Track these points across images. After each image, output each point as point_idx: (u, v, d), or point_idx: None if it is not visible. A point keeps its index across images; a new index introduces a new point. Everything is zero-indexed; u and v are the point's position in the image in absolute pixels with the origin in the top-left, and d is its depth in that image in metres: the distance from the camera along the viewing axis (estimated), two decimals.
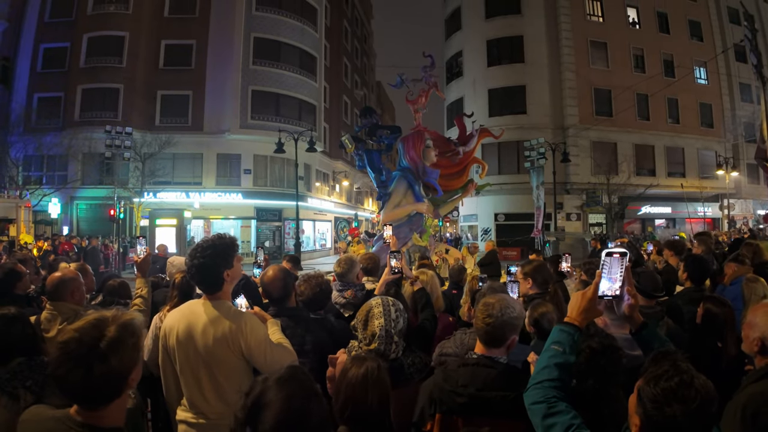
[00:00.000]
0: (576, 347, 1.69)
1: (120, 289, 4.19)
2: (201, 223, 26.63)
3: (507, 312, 2.07)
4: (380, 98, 55.08)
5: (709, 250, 6.04)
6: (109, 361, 1.33)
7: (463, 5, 31.63)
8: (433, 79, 11.73)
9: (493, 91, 29.47)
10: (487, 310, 2.08)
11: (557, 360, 1.64)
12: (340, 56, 37.75)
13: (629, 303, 1.73)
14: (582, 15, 29.51)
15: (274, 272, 2.94)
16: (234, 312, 2.37)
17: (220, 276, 2.34)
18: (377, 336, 2.30)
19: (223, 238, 2.42)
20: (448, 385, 2.05)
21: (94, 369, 1.31)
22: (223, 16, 27.17)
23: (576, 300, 1.75)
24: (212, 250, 2.33)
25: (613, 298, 1.70)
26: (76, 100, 25.67)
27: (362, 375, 1.74)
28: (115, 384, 1.37)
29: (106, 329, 1.37)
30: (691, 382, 1.26)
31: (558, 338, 1.69)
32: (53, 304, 3.05)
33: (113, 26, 26.17)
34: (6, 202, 17.77)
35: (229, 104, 26.70)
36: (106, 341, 1.35)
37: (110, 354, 1.34)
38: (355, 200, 42.19)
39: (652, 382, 1.29)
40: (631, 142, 29.29)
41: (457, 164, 11.44)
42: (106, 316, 1.42)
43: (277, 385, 1.29)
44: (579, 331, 1.70)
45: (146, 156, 23.28)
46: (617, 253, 1.66)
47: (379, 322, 2.33)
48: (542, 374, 1.65)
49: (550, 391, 1.60)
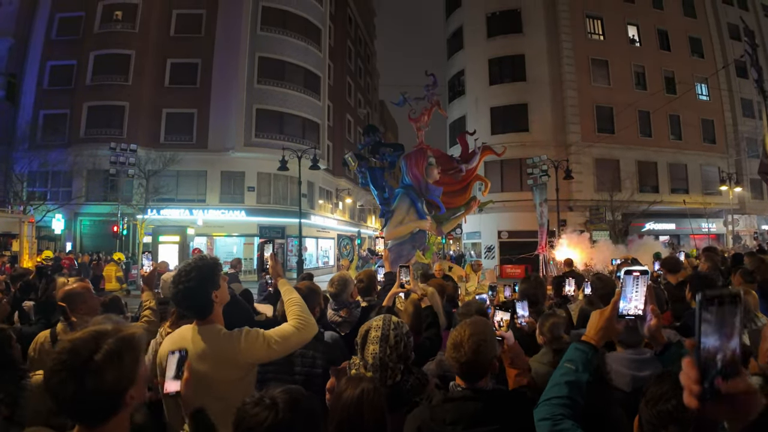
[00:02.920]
0: (590, 366, 1.64)
1: (112, 305, 4.12)
2: (204, 240, 26.64)
3: (480, 347, 1.94)
4: (383, 117, 55.48)
5: (716, 266, 5.91)
6: (104, 375, 1.27)
7: (465, 25, 32.03)
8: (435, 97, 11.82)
9: (495, 109, 29.64)
10: (457, 351, 1.96)
11: (568, 378, 1.61)
12: (343, 75, 38.15)
13: (651, 323, 1.67)
14: (583, 33, 29.82)
15: (301, 288, 2.99)
16: (226, 335, 2.26)
17: (209, 299, 2.24)
18: (370, 365, 2.20)
19: (204, 259, 2.33)
20: (436, 425, 1.95)
21: (86, 382, 1.25)
22: (228, 36, 27.58)
23: (594, 319, 1.69)
24: (197, 272, 2.22)
25: (635, 317, 1.64)
26: (81, 117, 25.95)
27: (357, 397, 1.71)
28: (110, 400, 1.31)
29: (104, 342, 1.31)
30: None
31: (572, 356, 1.66)
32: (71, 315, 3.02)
33: (120, 44, 26.60)
34: (10, 218, 17.84)
35: (234, 122, 26.92)
36: (102, 354, 1.28)
37: (105, 368, 1.28)
38: (358, 218, 42.20)
39: (650, 403, 1.28)
40: (634, 158, 29.32)
41: (459, 181, 11.45)
42: (107, 328, 1.36)
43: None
44: (595, 351, 1.65)
45: (150, 173, 23.41)
46: (637, 272, 1.60)
47: (373, 349, 2.20)
48: (552, 391, 1.62)
49: (557, 408, 1.56)
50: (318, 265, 32.07)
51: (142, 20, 27.06)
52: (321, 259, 33.49)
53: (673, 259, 5.79)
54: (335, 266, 32.50)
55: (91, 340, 1.31)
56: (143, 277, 3.47)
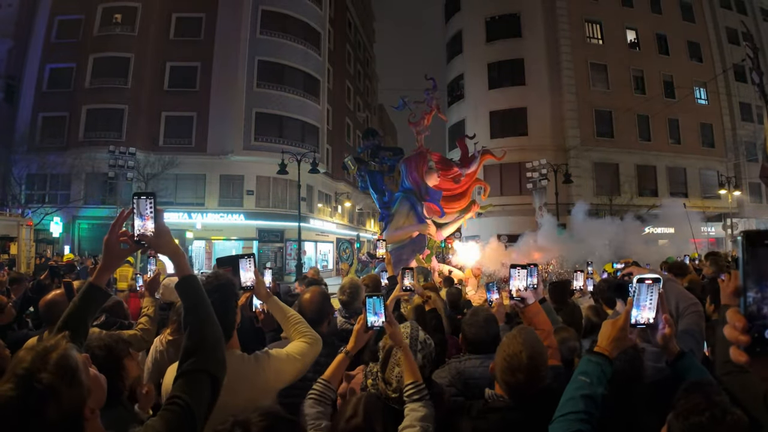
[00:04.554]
0: (604, 379, 1.60)
1: (115, 309, 4.05)
2: (203, 244, 26.57)
3: (540, 372, 1.87)
4: (382, 120, 55.52)
5: (720, 270, 5.90)
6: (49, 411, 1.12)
7: (464, 29, 32.09)
8: (434, 101, 11.81)
9: (495, 113, 29.67)
10: (513, 376, 1.87)
11: (584, 392, 1.56)
12: (343, 79, 38.18)
13: (664, 332, 1.64)
14: (582, 38, 29.88)
15: (312, 294, 2.93)
16: (251, 361, 2.09)
17: (231, 323, 2.03)
18: (394, 387, 2.01)
19: (222, 276, 2.15)
20: None
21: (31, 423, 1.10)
22: (227, 39, 27.58)
23: (606, 329, 1.66)
24: (219, 293, 1.98)
25: (647, 326, 1.62)
26: (80, 120, 25.91)
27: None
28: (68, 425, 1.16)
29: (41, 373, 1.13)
30: (723, 417, 1.19)
31: (586, 369, 1.61)
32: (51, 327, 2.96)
33: (119, 48, 26.58)
34: (8, 220, 17.77)
35: (233, 126, 26.90)
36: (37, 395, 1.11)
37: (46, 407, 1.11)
38: (357, 221, 42.16)
39: (682, 416, 1.24)
40: (633, 162, 29.35)
41: (459, 186, 11.42)
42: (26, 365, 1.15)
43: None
44: (609, 362, 1.61)
45: (149, 176, 23.37)
46: (650, 279, 1.59)
47: (398, 371, 2.02)
48: (567, 406, 1.56)
49: (575, 424, 1.51)
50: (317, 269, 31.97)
51: (142, 23, 27.07)
52: (320, 263, 33.41)
53: (678, 264, 5.79)
54: (334, 270, 32.44)
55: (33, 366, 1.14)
56: (145, 282, 3.40)
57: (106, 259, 1.77)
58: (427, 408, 1.87)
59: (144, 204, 1.64)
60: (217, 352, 1.62)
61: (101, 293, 1.76)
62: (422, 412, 1.84)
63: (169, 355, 3.00)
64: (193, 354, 1.56)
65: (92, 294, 1.73)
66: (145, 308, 3.27)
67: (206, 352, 1.58)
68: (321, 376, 2.11)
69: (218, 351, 1.62)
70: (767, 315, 0.76)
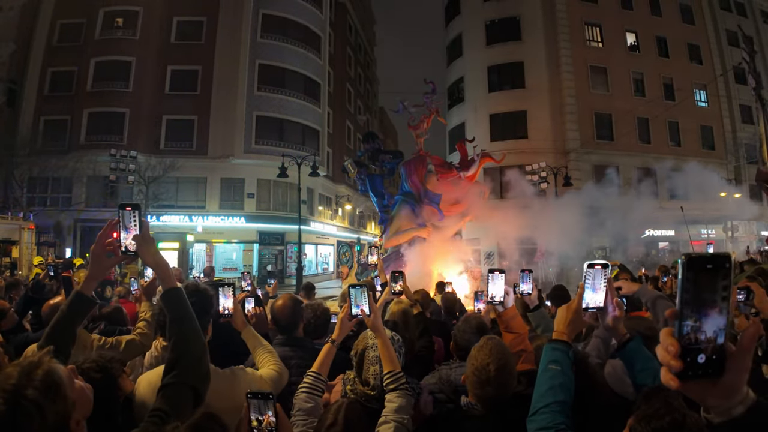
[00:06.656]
0: (570, 363, 1.66)
1: (114, 316, 4.06)
2: (203, 247, 26.62)
3: (508, 383, 1.93)
4: (383, 124, 55.59)
5: None
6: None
7: (464, 32, 32.14)
8: (434, 104, 11.86)
9: (495, 116, 29.68)
10: (482, 388, 1.92)
11: (559, 380, 1.60)
12: (343, 83, 38.28)
13: (613, 315, 1.69)
14: (582, 41, 29.93)
15: (284, 300, 2.94)
16: (226, 376, 2.14)
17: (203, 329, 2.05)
18: (372, 385, 2.11)
19: (198, 285, 2.20)
20: None
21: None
22: (228, 43, 27.68)
23: (562, 313, 1.74)
24: (196, 297, 2.03)
25: (597, 309, 1.68)
26: (82, 124, 26.01)
27: None
28: None
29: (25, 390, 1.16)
30: (683, 420, 1.23)
31: (553, 357, 1.65)
32: None
33: (120, 51, 26.70)
34: (9, 224, 17.82)
35: (234, 129, 26.98)
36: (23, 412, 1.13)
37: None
38: (357, 224, 42.20)
39: (643, 421, 1.28)
40: (633, 165, 29.35)
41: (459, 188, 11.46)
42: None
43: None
44: (569, 346, 1.67)
45: (150, 179, 23.43)
46: (599, 265, 1.65)
47: (374, 369, 2.11)
48: (548, 396, 1.58)
49: (559, 416, 1.53)
50: (317, 272, 32.04)
51: (143, 27, 27.18)
52: (320, 265, 33.46)
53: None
54: (334, 273, 32.49)
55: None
56: (142, 287, 3.44)
57: (93, 268, 1.81)
58: (403, 398, 1.92)
59: (128, 216, 1.68)
60: (201, 365, 1.67)
61: (88, 301, 1.82)
62: (397, 403, 1.89)
63: (164, 361, 2.97)
64: (176, 367, 1.61)
65: (79, 302, 1.80)
66: (143, 313, 3.30)
67: (189, 366, 1.63)
68: (310, 369, 2.17)
69: (202, 364, 1.68)
70: (702, 342, 0.74)
